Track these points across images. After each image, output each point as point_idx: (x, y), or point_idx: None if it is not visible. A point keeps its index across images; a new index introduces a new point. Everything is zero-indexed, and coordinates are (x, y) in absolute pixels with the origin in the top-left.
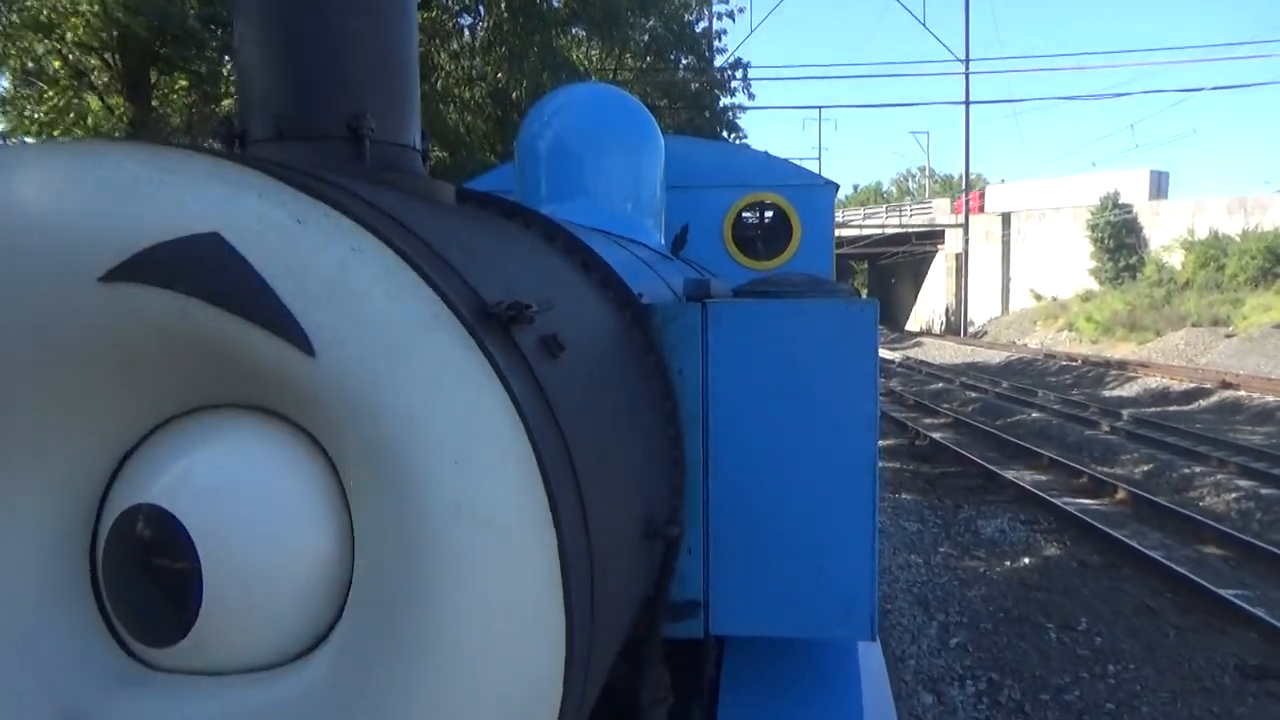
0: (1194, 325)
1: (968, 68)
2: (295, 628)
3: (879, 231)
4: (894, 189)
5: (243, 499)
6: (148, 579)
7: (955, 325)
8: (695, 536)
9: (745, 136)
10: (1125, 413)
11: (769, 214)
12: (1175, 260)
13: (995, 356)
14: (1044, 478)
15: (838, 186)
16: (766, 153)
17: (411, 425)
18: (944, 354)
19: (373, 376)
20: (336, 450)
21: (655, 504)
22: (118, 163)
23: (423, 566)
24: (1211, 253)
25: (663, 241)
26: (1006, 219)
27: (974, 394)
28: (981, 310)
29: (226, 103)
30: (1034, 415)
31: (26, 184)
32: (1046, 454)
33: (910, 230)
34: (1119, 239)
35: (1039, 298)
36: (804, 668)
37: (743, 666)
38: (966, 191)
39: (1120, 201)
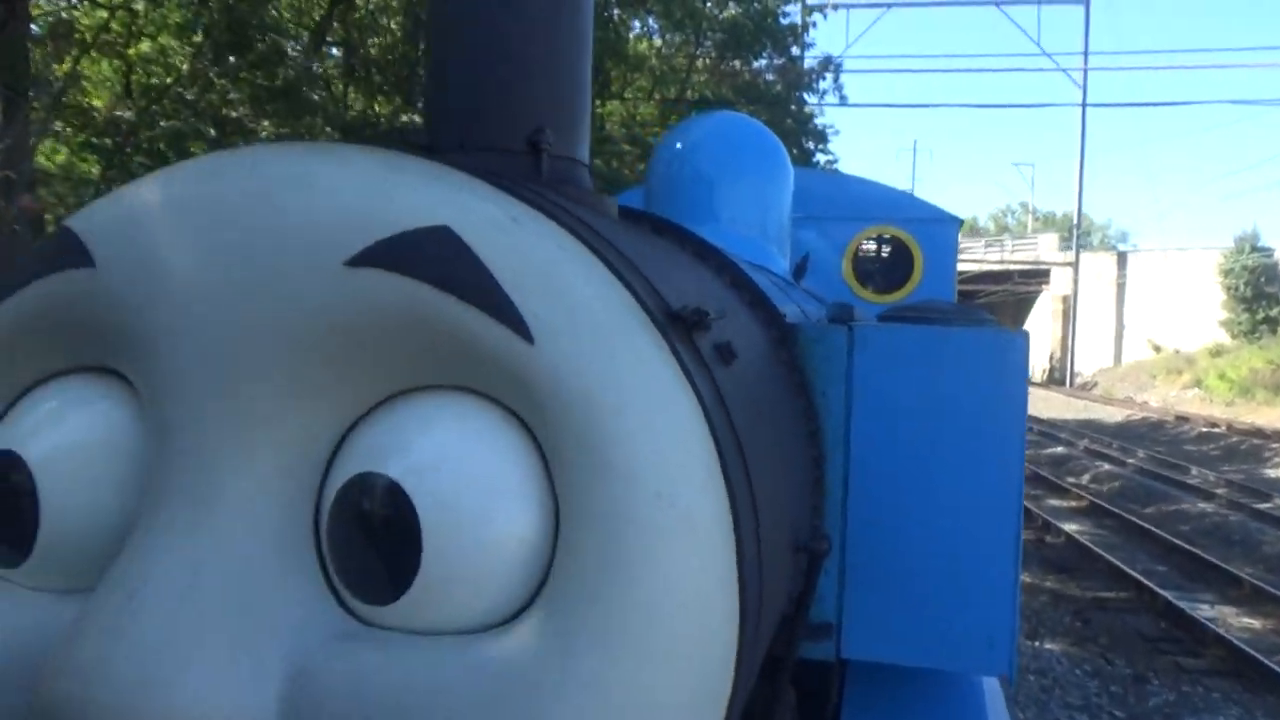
0: None
1: (1086, 61)
2: (500, 596)
3: (977, 267)
4: (991, 225)
5: (461, 473)
6: (371, 540)
7: (1060, 375)
8: (831, 558)
9: (836, 161)
10: None
11: (890, 247)
12: None
13: (1113, 414)
14: (1256, 623)
15: (962, 222)
16: (889, 186)
17: (619, 414)
18: (1052, 408)
19: (584, 367)
20: (545, 434)
21: (799, 521)
22: (352, 160)
23: (626, 548)
24: None
25: (788, 270)
26: (1122, 259)
27: (1105, 465)
28: (1090, 359)
29: None
30: (1199, 505)
31: (276, 178)
32: (1244, 576)
33: (1012, 268)
34: (1257, 286)
35: (1158, 349)
36: (928, 700)
37: (865, 694)
38: (1078, 224)
39: (1259, 244)
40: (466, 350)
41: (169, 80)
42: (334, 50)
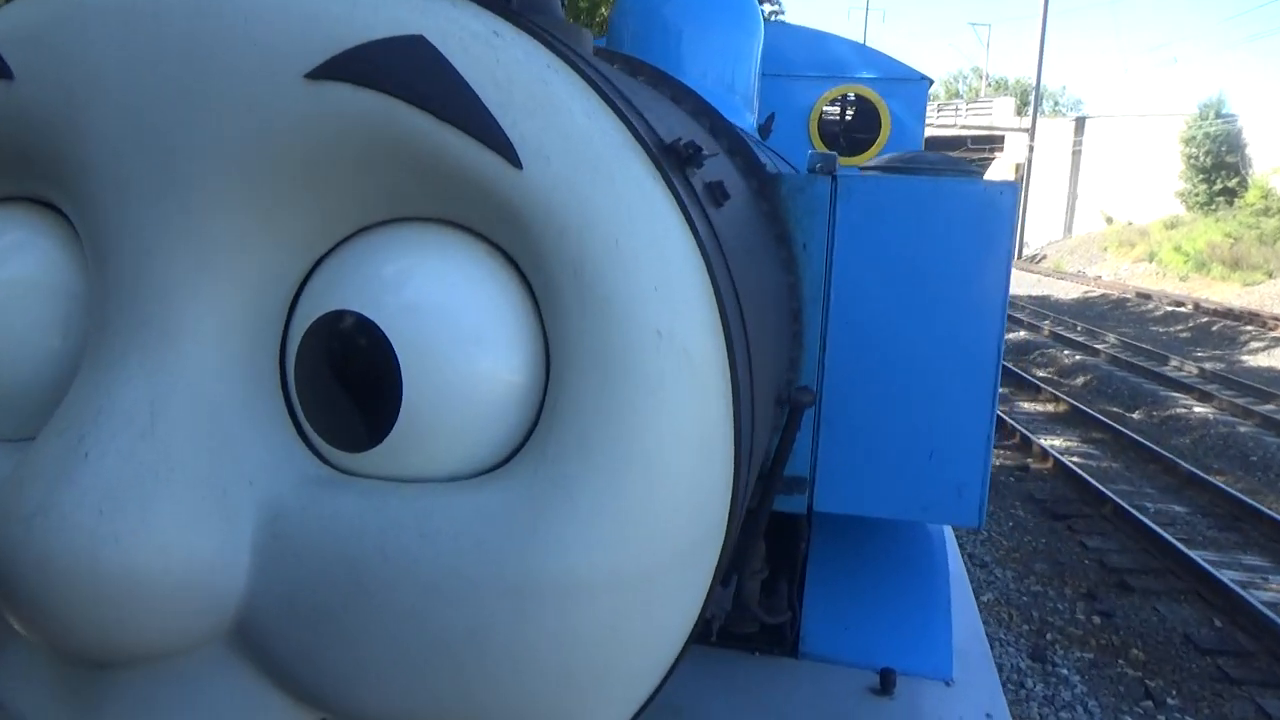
0: None
1: None
2: (488, 441)
3: (929, 132)
4: (942, 91)
5: (442, 311)
6: (345, 384)
7: None
8: (806, 413)
9: (782, 12)
10: None
11: (857, 107)
12: None
13: (1068, 290)
14: None
15: (931, 81)
16: (857, 42)
17: (615, 246)
18: None
19: (578, 194)
20: (534, 268)
21: (779, 374)
22: None
23: (624, 387)
24: None
25: (755, 129)
26: (1080, 125)
27: (1075, 353)
28: (1040, 231)
29: None
30: (1194, 409)
31: None
32: None
33: (965, 134)
34: (1218, 156)
35: (1110, 221)
36: (892, 554)
37: (830, 548)
38: (1039, 81)
39: (1224, 111)
40: (446, 177)
41: None
42: None
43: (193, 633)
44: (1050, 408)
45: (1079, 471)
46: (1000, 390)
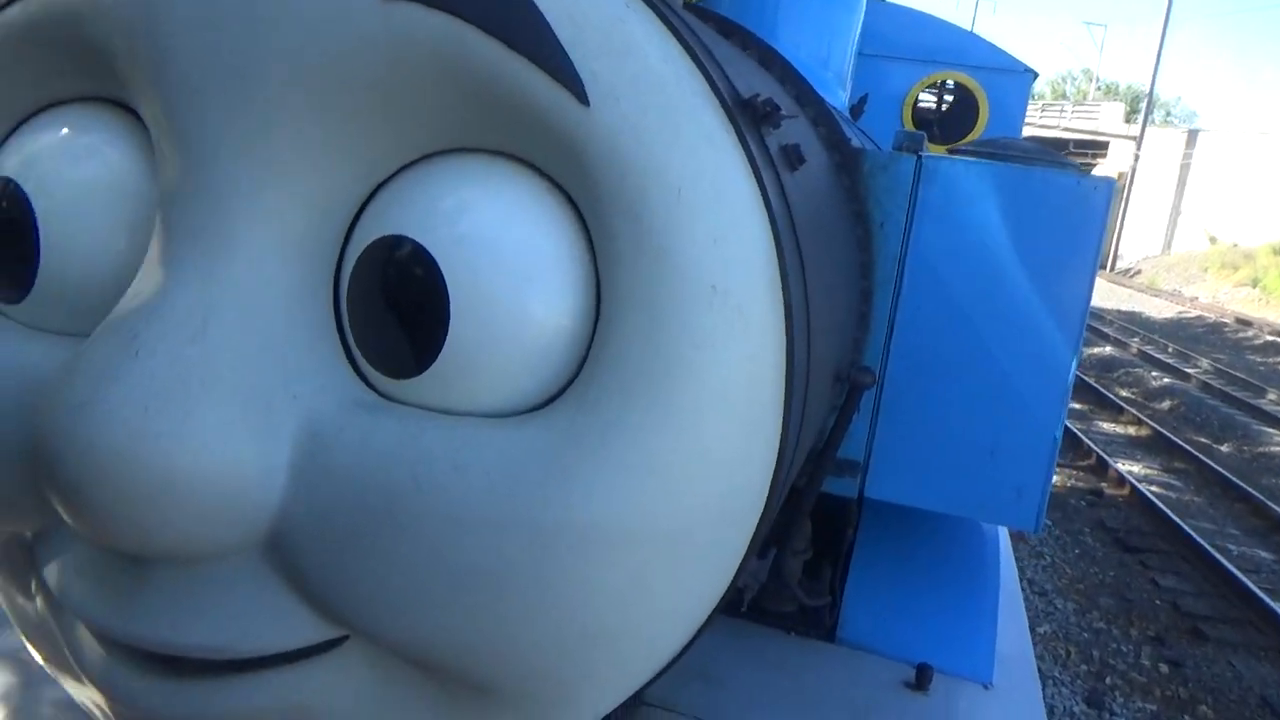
0: None
1: None
2: (531, 381)
3: (1030, 131)
4: (1049, 91)
5: (497, 244)
6: (394, 309)
7: (1104, 257)
8: (866, 396)
9: None
10: None
11: (955, 95)
12: None
13: (1161, 309)
14: None
15: (1035, 75)
16: (960, 28)
17: (677, 195)
18: (1095, 294)
19: (644, 138)
20: (593, 210)
21: (842, 351)
22: None
23: (672, 340)
24: None
25: (847, 105)
26: (1192, 137)
27: (1163, 375)
28: (1137, 244)
29: None
30: None
31: None
32: None
33: (1068, 137)
34: None
35: (1214, 240)
36: (942, 550)
37: (879, 536)
38: (1153, 86)
39: None
40: (512, 109)
41: None
42: None
43: (226, 539)
44: (1131, 430)
45: (1157, 502)
46: (1078, 406)
